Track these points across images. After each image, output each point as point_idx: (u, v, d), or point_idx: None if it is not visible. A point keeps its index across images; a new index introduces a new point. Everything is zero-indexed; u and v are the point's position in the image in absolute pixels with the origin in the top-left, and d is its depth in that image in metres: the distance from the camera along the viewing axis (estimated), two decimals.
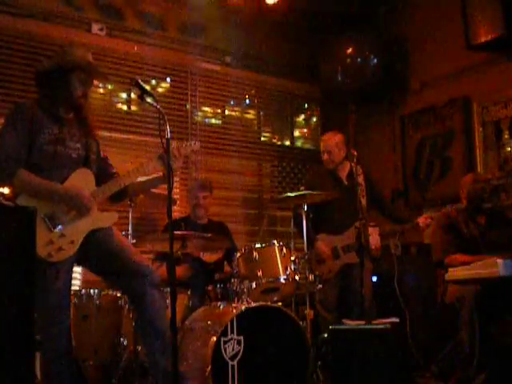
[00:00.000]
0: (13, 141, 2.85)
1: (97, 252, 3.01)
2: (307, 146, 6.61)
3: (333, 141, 4.75)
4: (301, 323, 3.69)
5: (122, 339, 3.86)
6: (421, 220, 4.55)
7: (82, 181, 3.00)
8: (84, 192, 2.93)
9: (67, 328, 2.88)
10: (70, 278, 2.95)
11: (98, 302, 3.88)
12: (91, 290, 3.90)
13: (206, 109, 5.85)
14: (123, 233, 4.09)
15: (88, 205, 2.92)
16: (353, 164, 4.23)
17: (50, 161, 2.92)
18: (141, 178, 3.16)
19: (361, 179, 4.57)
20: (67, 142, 2.99)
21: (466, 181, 4.38)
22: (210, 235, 4.02)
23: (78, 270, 4.25)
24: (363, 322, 3.70)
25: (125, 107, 5.31)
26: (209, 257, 4.50)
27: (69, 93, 2.98)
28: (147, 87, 2.89)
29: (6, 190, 4.10)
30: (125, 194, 3.21)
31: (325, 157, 4.77)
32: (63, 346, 2.83)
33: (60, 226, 2.87)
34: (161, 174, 3.14)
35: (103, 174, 3.16)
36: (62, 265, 2.85)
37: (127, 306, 3.76)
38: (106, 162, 3.23)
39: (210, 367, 3.29)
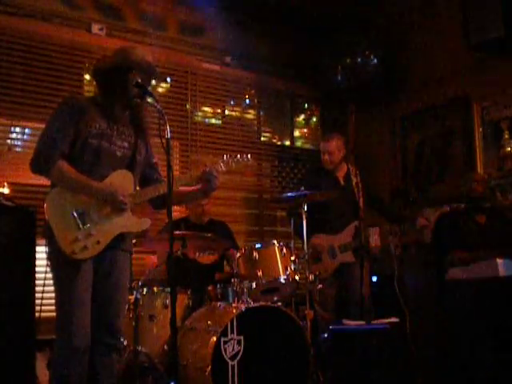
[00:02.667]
0: (57, 130, 2.83)
1: (104, 269, 2.94)
2: (307, 146, 6.60)
3: (334, 143, 4.81)
4: (301, 323, 3.69)
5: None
6: (418, 222, 4.59)
7: (120, 181, 2.94)
8: (119, 190, 2.87)
9: (86, 325, 2.81)
10: (91, 277, 2.88)
11: None
12: None
13: (206, 109, 5.84)
14: None
15: (123, 201, 2.85)
16: (350, 165, 4.26)
17: (93, 155, 2.88)
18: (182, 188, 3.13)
19: (358, 179, 4.60)
20: (114, 139, 2.95)
21: (465, 181, 4.39)
22: (210, 235, 4.01)
23: None
24: (363, 322, 3.70)
25: None
26: (204, 258, 4.49)
27: (126, 92, 2.95)
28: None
29: (5, 190, 4.11)
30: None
31: (324, 157, 4.83)
32: (81, 344, 2.76)
33: (89, 225, 2.82)
34: (198, 187, 3.12)
35: (147, 179, 3.13)
36: (84, 263, 2.82)
37: (127, 306, 3.75)
38: (154, 167, 3.18)
39: (210, 367, 3.30)
